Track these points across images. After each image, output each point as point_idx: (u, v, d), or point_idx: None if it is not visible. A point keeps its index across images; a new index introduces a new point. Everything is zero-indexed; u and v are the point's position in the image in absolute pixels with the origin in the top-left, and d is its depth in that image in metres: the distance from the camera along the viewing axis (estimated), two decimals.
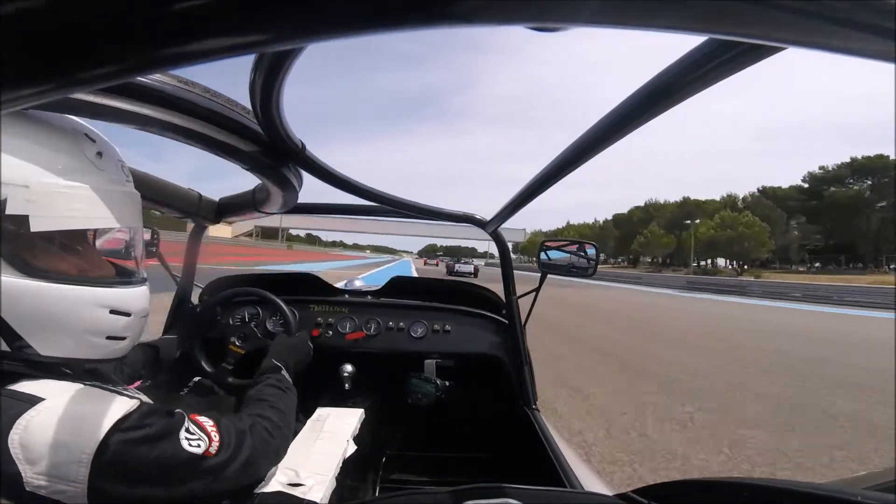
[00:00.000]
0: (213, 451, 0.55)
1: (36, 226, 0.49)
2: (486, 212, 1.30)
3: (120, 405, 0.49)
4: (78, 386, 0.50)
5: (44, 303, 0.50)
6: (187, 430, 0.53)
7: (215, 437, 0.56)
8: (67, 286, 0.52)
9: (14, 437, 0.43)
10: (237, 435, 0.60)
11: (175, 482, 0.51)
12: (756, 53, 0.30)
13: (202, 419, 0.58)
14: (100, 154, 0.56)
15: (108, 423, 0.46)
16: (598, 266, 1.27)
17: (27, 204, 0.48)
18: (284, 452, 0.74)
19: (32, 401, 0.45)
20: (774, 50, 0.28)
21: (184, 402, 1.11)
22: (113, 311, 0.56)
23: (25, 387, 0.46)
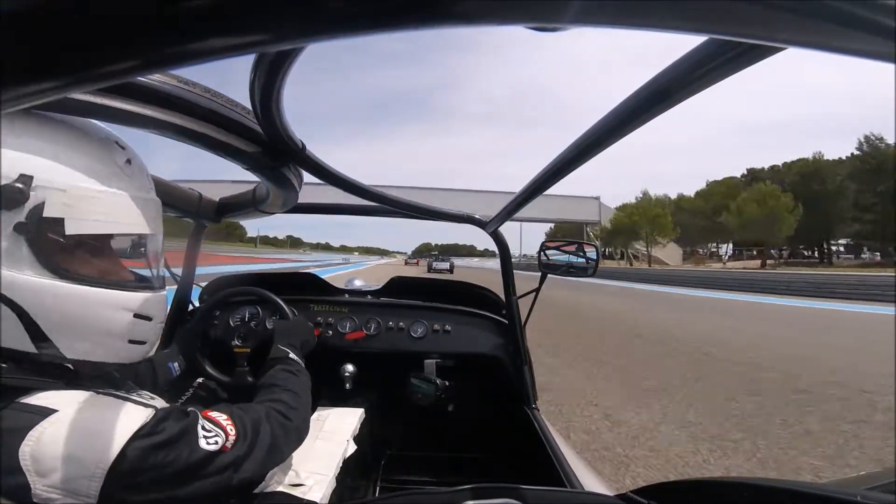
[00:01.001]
0: (230, 446, 0.54)
1: (71, 229, 0.51)
2: (484, 210, 1.30)
3: (135, 415, 0.49)
4: (91, 395, 0.49)
5: (72, 304, 0.52)
6: (203, 429, 0.53)
7: (231, 430, 0.55)
8: (95, 289, 0.53)
9: (25, 449, 0.42)
10: (253, 424, 0.60)
11: (192, 482, 0.50)
12: (756, 53, 0.30)
13: (215, 414, 0.57)
14: (129, 161, 0.59)
15: (123, 437, 0.46)
16: (599, 266, 1.26)
17: (63, 207, 0.50)
18: (306, 432, 0.74)
19: (45, 413, 0.44)
20: (774, 50, 0.28)
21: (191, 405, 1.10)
22: (136, 315, 0.57)
23: (38, 399, 0.46)
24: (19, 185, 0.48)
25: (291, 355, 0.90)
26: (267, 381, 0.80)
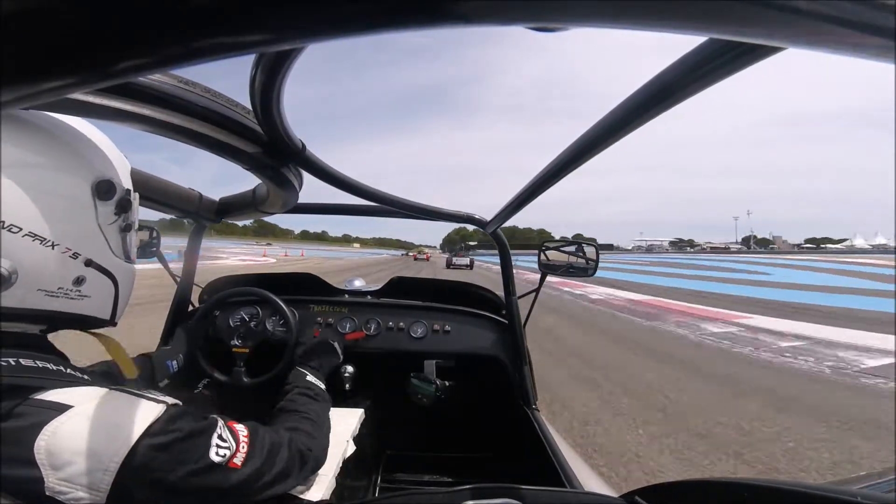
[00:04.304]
0: (240, 462, 0.54)
1: (132, 218, 0.63)
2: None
3: (148, 411, 0.49)
4: (104, 391, 0.49)
5: (131, 280, 0.64)
6: (219, 437, 0.53)
7: (244, 447, 0.56)
8: (135, 266, 0.66)
9: (41, 443, 0.42)
10: (271, 447, 0.60)
11: (200, 489, 0.50)
12: (757, 53, 0.30)
13: (238, 427, 0.57)
14: None
15: (137, 431, 0.46)
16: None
17: (133, 200, 0.62)
18: (323, 461, 0.74)
19: (60, 408, 0.45)
20: (775, 50, 0.28)
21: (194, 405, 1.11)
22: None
23: (52, 395, 0.46)
24: (111, 180, 0.56)
25: (310, 377, 0.92)
26: (287, 406, 0.81)
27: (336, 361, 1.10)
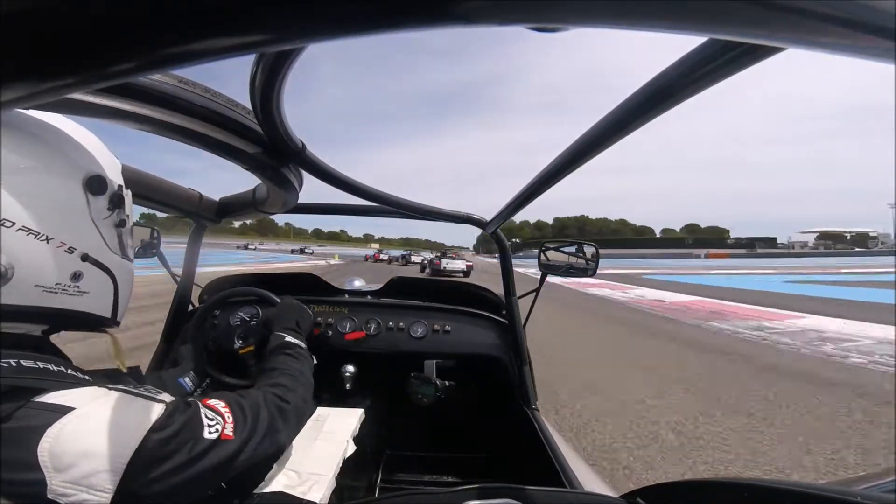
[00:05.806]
0: (231, 433, 0.56)
1: (129, 220, 0.63)
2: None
3: (150, 410, 0.50)
4: (106, 392, 0.49)
5: (130, 277, 0.64)
6: (206, 417, 0.54)
7: (229, 417, 0.57)
8: (132, 263, 0.66)
9: (44, 446, 0.42)
10: (251, 409, 0.61)
11: (196, 469, 0.51)
12: (757, 53, 0.30)
13: (213, 402, 0.59)
14: None
15: (140, 432, 0.47)
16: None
17: (126, 196, 0.61)
18: (307, 412, 0.75)
19: (62, 410, 0.45)
20: (775, 50, 0.28)
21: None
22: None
23: (54, 397, 0.46)
24: (101, 175, 0.56)
25: (288, 338, 0.91)
26: (266, 366, 0.82)
27: (309, 318, 1.09)
